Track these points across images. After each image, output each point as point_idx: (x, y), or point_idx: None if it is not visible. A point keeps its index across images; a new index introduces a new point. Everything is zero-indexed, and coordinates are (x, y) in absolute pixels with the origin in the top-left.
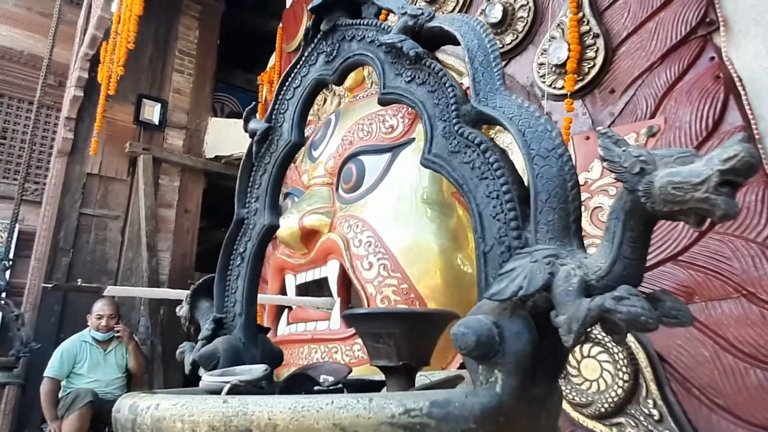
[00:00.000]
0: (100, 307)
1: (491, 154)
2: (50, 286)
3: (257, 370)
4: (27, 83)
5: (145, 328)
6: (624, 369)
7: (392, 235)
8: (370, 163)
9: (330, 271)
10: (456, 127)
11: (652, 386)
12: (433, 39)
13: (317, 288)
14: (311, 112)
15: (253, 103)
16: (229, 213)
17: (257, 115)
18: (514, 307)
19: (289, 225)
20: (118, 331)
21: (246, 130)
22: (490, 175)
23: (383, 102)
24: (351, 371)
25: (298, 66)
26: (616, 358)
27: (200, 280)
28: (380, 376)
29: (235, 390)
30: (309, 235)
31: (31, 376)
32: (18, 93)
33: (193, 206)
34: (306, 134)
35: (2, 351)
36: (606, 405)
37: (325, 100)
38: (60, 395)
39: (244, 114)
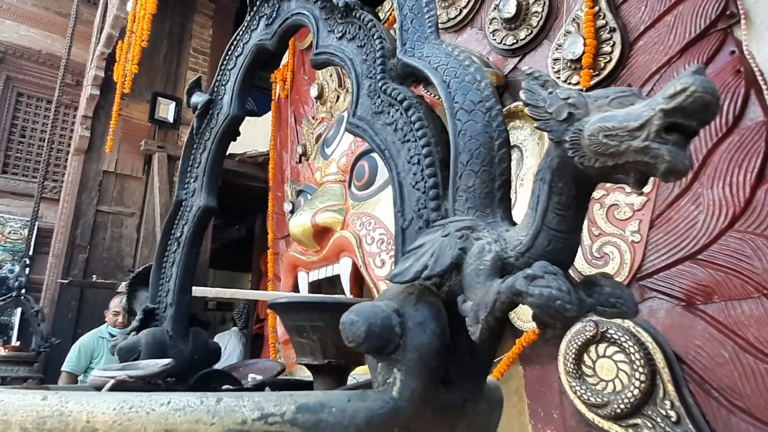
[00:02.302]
0: (116, 303)
1: (414, 112)
2: (66, 282)
3: (157, 364)
4: (45, 82)
5: None
6: (641, 369)
7: None
8: (382, 161)
9: (342, 269)
10: (380, 84)
11: (670, 387)
12: None
13: (330, 285)
14: (324, 109)
15: (198, 76)
16: (242, 210)
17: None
18: (423, 293)
19: (301, 222)
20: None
21: (188, 105)
22: (411, 137)
23: (315, 64)
24: (283, 370)
25: (241, 33)
26: (633, 359)
27: (140, 268)
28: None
29: (121, 387)
30: (322, 233)
31: (49, 371)
32: (36, 92)
33: None
34: (319, 132)
35: (23, 346)
36: (622, 406)
37: (338, 97)
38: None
39: (187, 87)
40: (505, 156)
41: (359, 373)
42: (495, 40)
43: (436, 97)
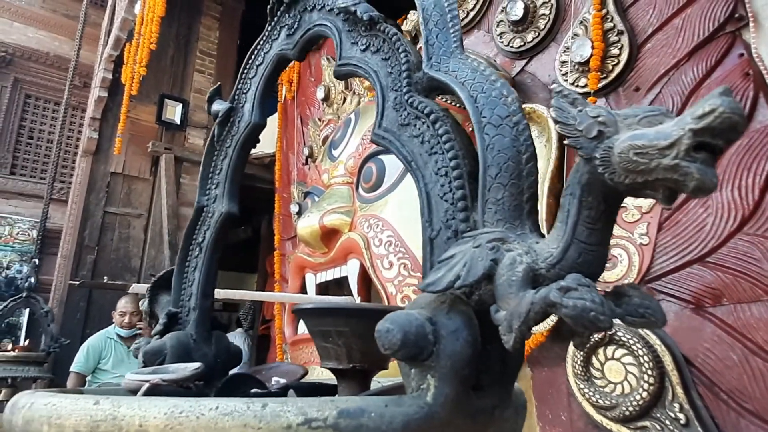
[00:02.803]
0: (123, 304)
1: (441, 125)
2: (77, 283)
3: (187, 369)
4: (53, 84)
5: None
6: (649, 372)
7: (412, 235)
8: (390, 163)
9: (350, 271)
10: (406, 97)
11: (679, 390)
12: (394, 2)
13: (337, 287)
14: (331, 111)
15: (218, 83)
16: (248, 212)
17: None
18: (454, 302)
19: (309, 224)
20: (140, 328)
21: (209, 113)
22: (439, 150)
23: (339, 75)
24: (306, 373)
25: (261, 42)
26: (641, 361)
27: (162, 273)
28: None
29: (155, 390)
30: (329, 234)
31: (59, 371)
32: (44, 94)
33: None
34: (326, 134)
35: (32, 346)
36: (631, 408)
37: (345, 99)
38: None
39: (208, 94)
40: (533, 170)
41: (382, 377)
42: (502, 42)
43: (450, 103)
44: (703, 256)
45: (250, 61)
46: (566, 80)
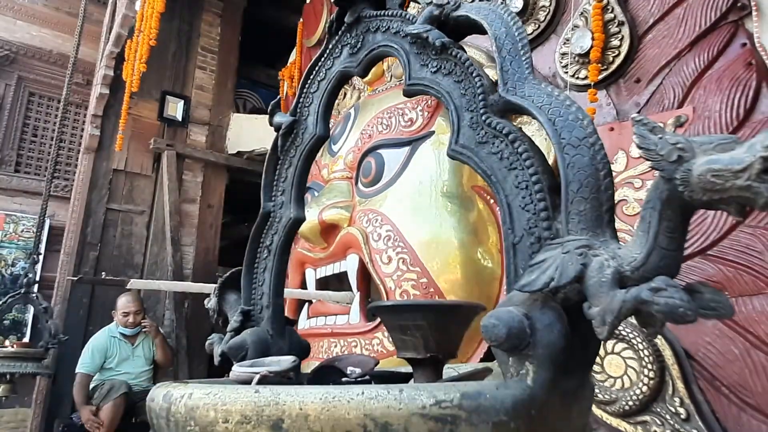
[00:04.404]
0: (125, 304)
1: (520, 144)
2: (76, 279)
3: (286, 361)
4: (56, 82)
5: (170, 321)
6: (649, 366)
7: (411, 229)
8: (389, 157)
9: (349, 266)
10: (483, 117)
11: (679, 384)
12: (459, 28)
13: (337, 282)
14: None
15: (278, 97)
16: (251, 208)
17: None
18: (545, 299)
19: (309, 219)
20: (145, 326)
21: (271, 124)
22: (518, 166)
23: (409, 93)
24: (378, 363)
25: (323, 59)
26: (642, 355)
27: (228, 273)
28: (406, 368)
29: (264, 381)
30: (328, 230)
31: (60, 367)
32: (47, 92)
33: (216, 201)
34: None
35: (33, 343)
36: (631, 403)
37: (345, 94)
38: (92, 386)
39: (269, 108)
40: (610, 184)
41: (452, 365)
42: None
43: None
44: (705, 249)
45: (310, 77)
46: (567, 72)
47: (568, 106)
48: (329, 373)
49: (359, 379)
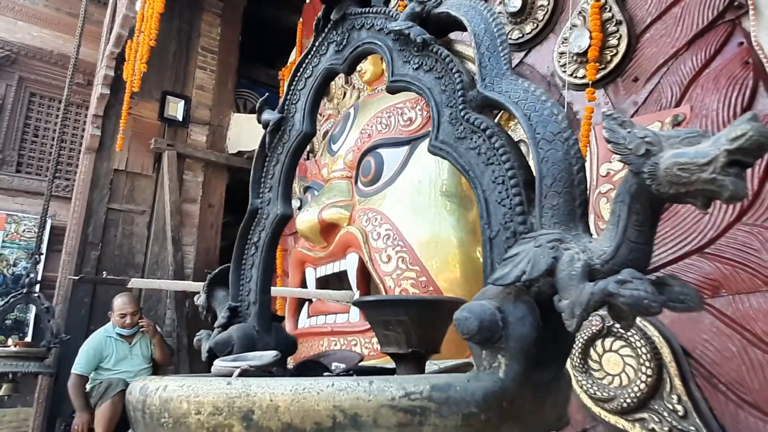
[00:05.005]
0: (121, 305)
1: (497, 140)
2: (77, 278)
3: (268, 356)
4: (57, 82)
5: (172, 320)
6: (647, 364)
7: (411, 228)
8: (388, 156)
9: (349, 264)
10: (462, 113)
11: (677, 381)
12: (441, 25)
13: (337, 281)
14: (331, 106)
15: (266, 94)
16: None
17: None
18: (518, 293)
19: (308, 218)
20: (142, 326)
21: (260, 121)
22: (495, 161)
23: (391, 90)
24: (362, 359)
25: (309, 56)
26: (639, 353)
27: (216, 270)
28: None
29: (245, 375)
30: (328, 229)
31: (62, 367)
32: (48, 92)
33: (217, 201)
34: (326, 128)
35: (35, 342)
36: (629, 400)
37: (345, 93)
38: (90, 385)
39: (257, 105)
40: (583, 179)
41: (435, 360)
42: None
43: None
44: (702, 247)
45: (298, 74)
46: (565, 71)
47: (544, 102)
48: (313, 369)
49: (342, 374)
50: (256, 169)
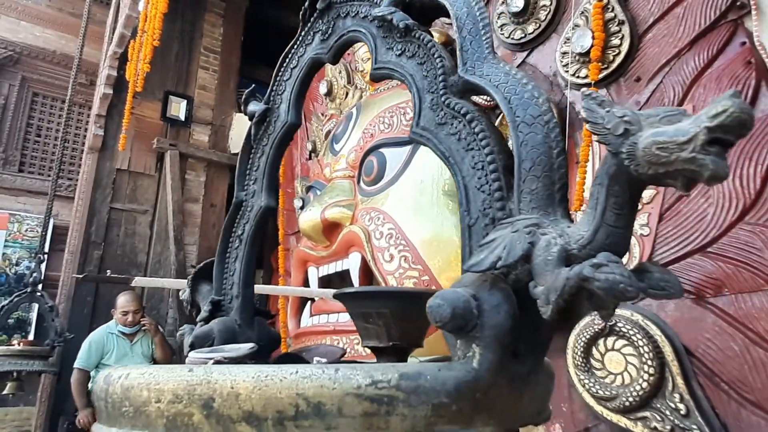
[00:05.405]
0: (124, 303)
1: (477, 125)
2: (80, 276)
3: (244, 348)
4: (60, 82)
5: (174, 319)
6: (649, 362)
7: (413, 228)
8: (390, 156)
9: (352, 263)
10: (443, 98)
11: (679, 380)
12: (425, 11)
13: (340, 280)
14: (333, 106)
15: (252, 86)
16: None
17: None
18: (495, 280)
19: (311, 217)
20: (144, 324)
21: (245, 113)
22: (475, 146)
23: (374, 78)
24: (345, 353)
25: (296, 46)
26: (641, 352)
27: (201, 264)
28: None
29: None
30: (331, 228)
31: (65, 365)
32: (51, 92)
33: (219, 201)
34: (328, 128)
35: (38, 341)
36: (631, 399)
37: (347, 93)
38: (92, 384)
39: (243, 96)
40: (563, 163)
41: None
42: (503, 34)
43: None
44: (704, 246)
45: (284, 65)
46: (567, 71)
47: (524, 85)
48: (293, 362)
49: None
50: (242, 161)
